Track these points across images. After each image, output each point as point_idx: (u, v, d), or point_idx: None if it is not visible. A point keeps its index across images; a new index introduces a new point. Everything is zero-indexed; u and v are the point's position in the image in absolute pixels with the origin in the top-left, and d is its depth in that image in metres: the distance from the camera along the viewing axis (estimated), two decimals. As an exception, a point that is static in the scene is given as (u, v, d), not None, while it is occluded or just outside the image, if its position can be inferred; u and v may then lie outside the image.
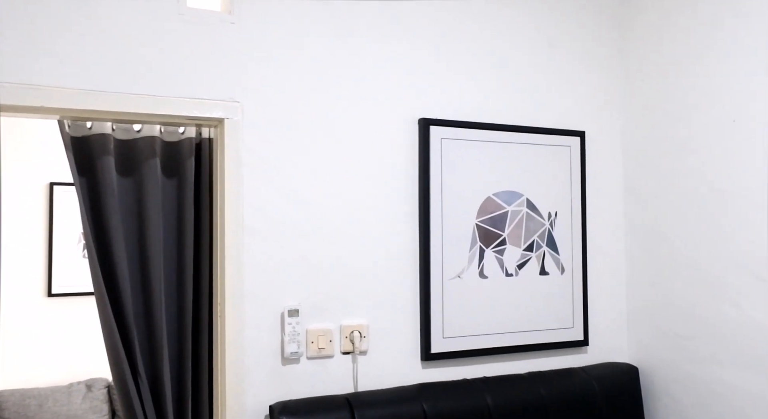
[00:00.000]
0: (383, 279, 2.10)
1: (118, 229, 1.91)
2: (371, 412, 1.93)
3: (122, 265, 1.91)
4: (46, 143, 3.68)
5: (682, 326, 2.26)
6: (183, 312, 1.98)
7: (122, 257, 1.91)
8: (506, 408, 2.11)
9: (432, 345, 2.14)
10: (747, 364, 2.04)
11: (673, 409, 2.31)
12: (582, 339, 2.40)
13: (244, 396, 1.90)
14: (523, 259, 2.30)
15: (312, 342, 1.99)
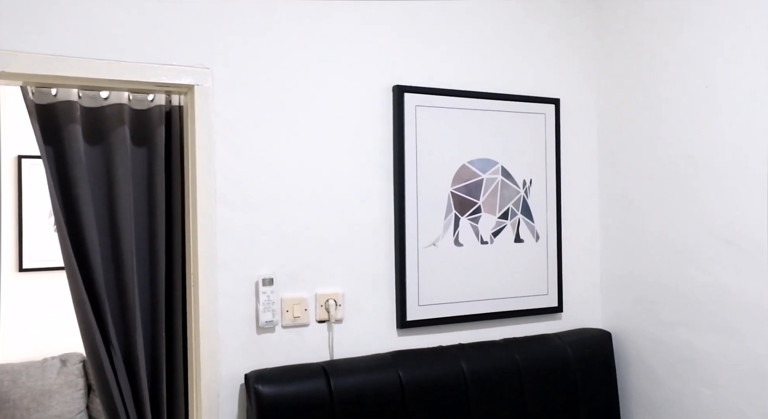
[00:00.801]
0: (358, 248, 2.09)
1: (87, 199, 1.87)
2: (347, 379, 1.93)
3: (92, 235, 1.87)
4: (12, 115, 3.59)
5: (654, 292, 2.29)
6: (155, 283, 1.96)
7: (92, 227, 1.88)
8: (481, 374, 2.13)
9: (407, 313, 2.14)
10: (714, 327, 2.08)
11: (644, 372, 2.35)
12: (556, 305, 2.43)
13: (219, 366, 1.89)
14: (498, 227, 2.31)
15: (287, 311, 1.98)
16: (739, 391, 2.02)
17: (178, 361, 1.97)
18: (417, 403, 2.01)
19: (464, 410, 2.09)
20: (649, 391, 2.33)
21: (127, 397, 1.88)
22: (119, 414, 1.87)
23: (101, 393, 1.89)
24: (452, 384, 2.09)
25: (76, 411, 3.95)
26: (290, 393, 1.85)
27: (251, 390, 1.83)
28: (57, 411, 3.83)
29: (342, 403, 1.90)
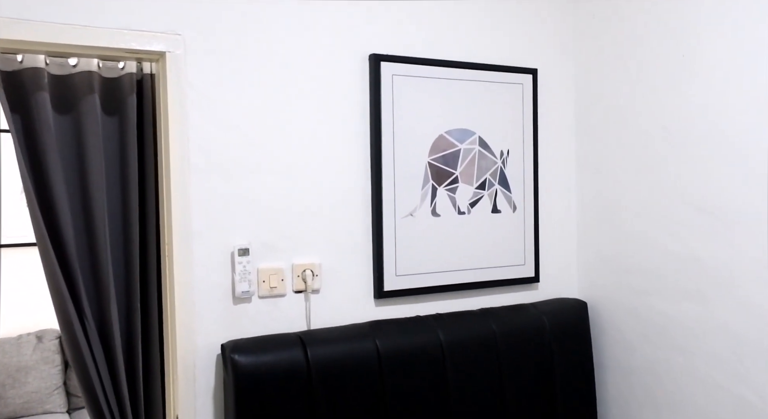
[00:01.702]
0: (335, 218, 2.08)
1: (57, 169, 1.83)
2: (324, 349, 1.93)
3: (63, 206, 1.84)
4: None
5: (629, 261, 2.32)
6: (129, 254, 1.93)
7: (63, 198, 1.84)
8: (458, 343, 2.15)
9: (385, 283, 2.14)
10: (686, 295, 2.11)
11: (618, 340, 2.38)
12: (533, 275, 2.44)
13: (195, 336, 1.88)
14: (475, 197, 2.31)
15: (263, 281, 1.97)
16: (709, 356, 2.05)
17: (154, 332, 1.96)
18: (394, 372, 2.02)
19: (441, 379, 2.10)
20: (622, 358, 2.37)
21: (102, 369, 1.86)
22: (94, 386, 1.85)
23: (76, 365, 1.87)
24: (429, 354, 2.10)
25: (53, 387, 3.92)
26: (267, 362, 1.85)
27: (228, 359, 1.82)
28: (34, 387, 3.81)
29: (319, 372, 1.90)
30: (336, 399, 1.92)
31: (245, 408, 1.81)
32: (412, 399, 2.05)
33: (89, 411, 1.88)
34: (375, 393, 1.99)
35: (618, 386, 2.39)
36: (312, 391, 1.89)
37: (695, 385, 2.10)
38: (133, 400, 1.91)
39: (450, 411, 2.11)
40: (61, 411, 3.94)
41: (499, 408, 2.21)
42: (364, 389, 1.97)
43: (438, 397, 2.09)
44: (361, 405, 1.97)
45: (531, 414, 2.27)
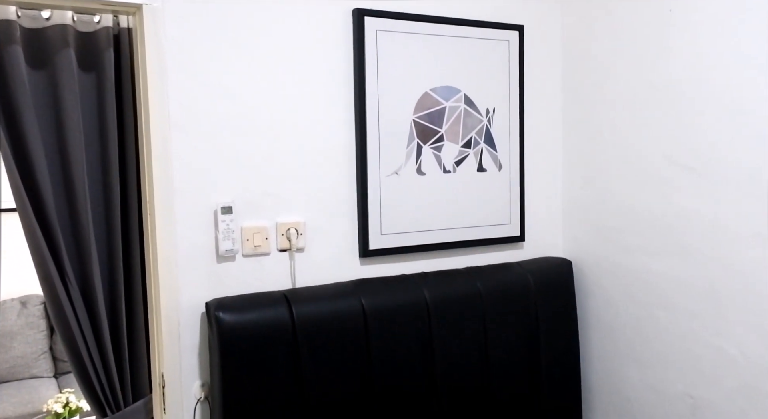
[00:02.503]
0: (319, 176, 2.06)
1: (33, 126, 1.79)
2: (309, 307, 1.93)
3: (41, 166, 1.81)
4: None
5: (614, 219, 2.32)
6: (111, 213, 1.91)
7: (40, 156, 1.81)
8: (443, 301, 2.15)
9: (370, 242, 2.14)
10: (671, 251, 2.12)
11: (602, 298, 2.40)
12: (518, 234, 2.44)
13: (178, 295, 1.87)
14: (460, 156, 2.29)
15: (247, 240, 1.95)
16: (692, 312, 2.07)
17: (137, 292, 1.95)
18: (379, 330, 2.02)
19: (426, 336, 2.11)
20: (606, 316, 2.39)
21: (86, 329, 1.85)
22: (78, 346, 1.84)
23: (59, 325, 1.85)
24: (414, 312, 2.10)
25: (39, 352, 3.92)
26: (252, 320, 1.84)
27: (212, 317, 1.81)
28: (19, 352, 3.80)
29: (304, 330, 1.90)
30: (321, 356, 1.93)
31: (230, 365, 1.81)
32: (397, 357, 2.05)
33: (74, 370, 1.88)
34: (360, 351, 2.00)
35: (601, 343, 2.42)
36: (297, 349, 1.89)
37: (677, 340, 2.13)
38: (118, 360, 1.91)
39: (435, 369, 2.12)
40: (48, 376, 3.95)
41: (483, 365, 2.23)
42: (350, 346, 1.98)
43: (423, 354, 2.10)
44: (347, 363, 1.97)
45: (515, 371, 2.29)
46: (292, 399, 1.89)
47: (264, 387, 1.85)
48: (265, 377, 1.85)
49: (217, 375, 1.82)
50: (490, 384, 2.24)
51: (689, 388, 2.10)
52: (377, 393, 2.02)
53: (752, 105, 1.85)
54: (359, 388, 1.99)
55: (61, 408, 3.21)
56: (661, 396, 2.20)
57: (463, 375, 2.19)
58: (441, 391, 2.13)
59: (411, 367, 2.08)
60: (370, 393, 2.01)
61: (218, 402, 1.83)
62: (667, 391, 2.18)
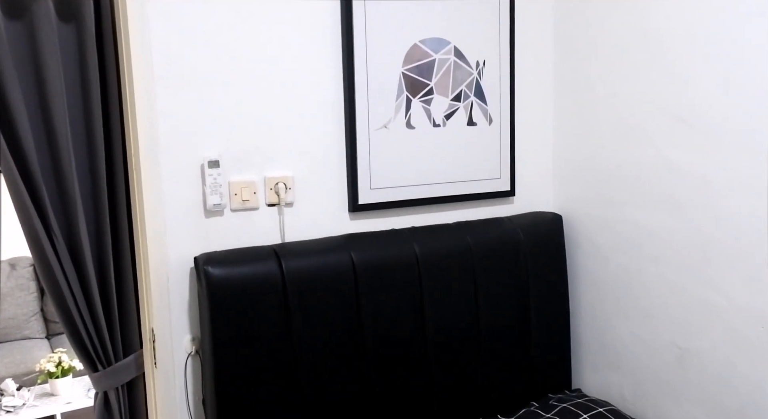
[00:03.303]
0: (307, 130, 2.03)
1: (12, 78, 1.74)
2: (299, 261, 1.92)
3: (22, 120, 1.76)
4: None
5: (605, 173, 2.31)
6: (95, 168, 1.87)
7: (21, 111, 1.76)
8: (433, 256, 2.15)
9: (359, 196, 2.12)
10: (661, 205, 2.12)
11: (592, 253, 2.40)
12: (509, 189, 2.43)
13: (167, 250, 1.86)
14: (450, 109, 2.26)
15: (235, 194, 1.93)
16: (681, 264, 2.08)
17: (125, 247, 1.92)
18: (369, 284, 2.02)
19: (416, 291, 2.11)
20: (596, 270, 2.40)
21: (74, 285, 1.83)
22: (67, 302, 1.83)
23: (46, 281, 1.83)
24: (405, 266, 2.10)
25: (30, 314, 3.92)
26: (241, 274, 1.83)
27: (201, 272, 1.80)
28: (10, 314, 3.80)
29: (294, 284, 1.89)
30: (311, 310, 1.93)
31: (220, 319, 1.81)
32: (387, 311, 2.06)
33: (64, 326, 1.87)
34: (350, 305, 2.00)
35: (590, 296, 2.44)
36: (287, 303, 1.89)
37: (665, 293, 2.14)
38: (107, 315, 1.90)
39: (425, 323, 2.13)
40: (40, 337, 3.96)
41: (473, 320, 2.24)
42: (340, 301, 1.98)
43: (413, 309, 2.11)
44: (337, 317, 1.98)
45: (505, 325, 2.31)
46: (283, 353, 1.89)
47: (254, 341, 1.85)
48: (256, 331, 1.86)
49: (207, 330, 1.82)
50: (479, 338, 2.26)
51: (677, 338, 2.12)
52: (367, 347, 2.03)
53: (744, 56, 1.83)
54: (349, 342, 2.00)
55: (54, 367, 3.22)
56: (648, 347, 2.22)
57: (453, 329, 2.20)
58: (431, 345, 2.15)
59: (401, 321, 2.09)
60: (360, 347, 2.02)
61: (209, 356, 1.83)
62: (654, 342, 2.20)
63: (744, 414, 1.95)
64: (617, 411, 2.20)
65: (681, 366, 2.12)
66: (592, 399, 2.29)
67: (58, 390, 3.30)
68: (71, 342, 1.88)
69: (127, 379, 1.93)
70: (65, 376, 3.31)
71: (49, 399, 3.27)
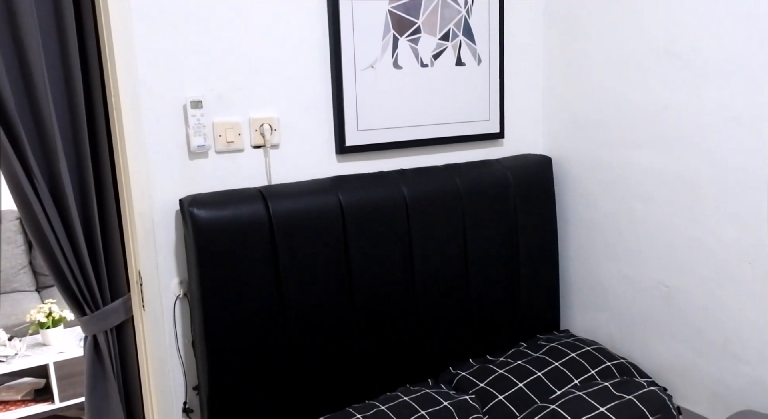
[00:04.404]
0: (292, 70, 1.98)
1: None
2: (286, 203, 1.90)
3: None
4: None
5: (595, 112, 2.28)
6: (74, 109, 1.82)
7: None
8: (422, 198, 2.13)
9: (346, 138, 2.09)
10: (651, 144, 2.10)
11: (581, 194, 2.40)
12: (498, 131, 2.41)
13: (151, 192, 1.83)
14: (438, 49, 2.21)
15: (220, 136, 1.90)
16: (670, 203, 2.08)
17: (109, 191, 1.89)
18: (357, 227, 2.01)
19: (405, 233, 2.10)
20: (585, 211, 2.39)
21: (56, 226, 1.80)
22: (51, 246, 1.81)
23: (29, 224, 1.81)
24: (393, 209, 2.08)
25: (19, 267, 3.91)
26: (227, 216, 1.81)
27: (186, 214, 1.78)
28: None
29: (281, 227, 1.88)
30: (299, 253, 1.92)
31: (207, 262, 1.79)
32: (375, 254, 2.05)
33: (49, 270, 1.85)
34: (338, 248, 1.99)
35: (579, 238, 2.44)
36: (274, 245, 1.87)
37: (654, 232, 2.14)
38: (93, 259, 1.88)
39: (413, 265, 2.13)
40: (29, 290, 3.96)
41: (462, 262, 2.24)
42: (328, 243, 1.97)
43: (401, 252, 2.10)
44: (325, 260, 1.97)
45: (494, 268, 2.31)
46: (271, 296, 1.89)
47: (242, 283, 1.85)
48: (243, 274, 1.85)
49: (194, 272, 1.81)
50: (468, 281, 2.26)
51: (664, 278, 2.14)
52: (355, 290, 2.03)
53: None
54: (337, 285, 2.00)
55: (44, 317, 3.22)
56: (636, 286, 2.24)
57: (442, 272, 2.20)
58: (420, 288, 2.15)
59: (389, 264, 2.08)
60: (348, 290, 2.02)
61: (197, 299, 1.82)
62: (642, 282, 2.22)
63: (728, 348, 1.98)
64: (605, 350, 2.23)
65: (667, 305, 2.14)
66: (580, 339, 2.32)
67: (50, 340, 3.31)
68: (58, 286, 1.87)
69: (116, 323, 1.93)
70: (56, 326, 3.32)
71: (41, 349, 3.28)
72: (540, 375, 2.09)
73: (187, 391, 1.97)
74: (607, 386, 1.95)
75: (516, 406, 2.00)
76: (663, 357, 2.18)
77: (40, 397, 3.30)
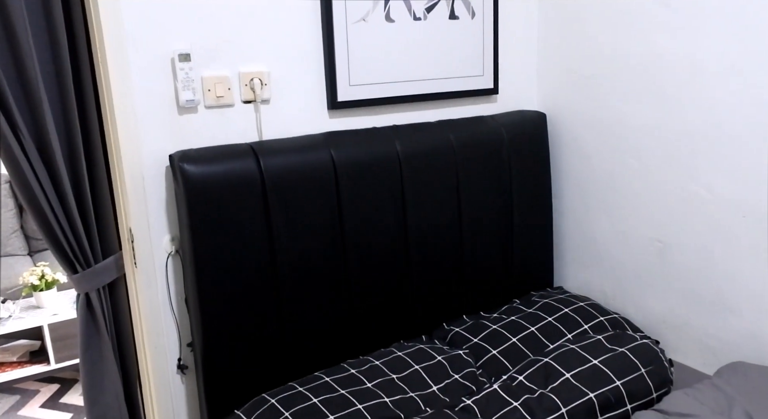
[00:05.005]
0: (282, 23, 1.94)
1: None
2: (277, 159, 1.88)
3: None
4: None
5: (590, 67, 2.25)
6: (59, 63, 1.78)
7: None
8: (415, 155, 2.11)
9: (338, 93, 2.05)
10: (647, 97, 2.08)
11: (576, 150, 2.38)
12: (492, 87, 2.37)
13: (140, 148, 1.80)
14: (431, 2, 2.16)
15: (209, 90, 1.86)
16: (664, 158, 2.06)
17: (97, 147, 1.86)
18: (350, 183, 1.99)
19: (398, 189, 2.09)
20: (579, 168, 2.38)
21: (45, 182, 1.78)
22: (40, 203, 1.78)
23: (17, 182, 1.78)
24: (386, 165, 2.06)
25: (11, 231, 3.88)
26: (218, 172, 1.79)
27: (177, 169, 1.76)
28: (-11, 230, 3.75)
29: (273, 183, 1.86)
30: (291, 209, 1.90)
31: (198, 219, 1.77)
32: (368, 210, 2.04)
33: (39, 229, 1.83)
34: (331, 204, 1.97)
35: (573, 196, 2.43)
36: (266, 201, 1.86)
37: (649, 187, 2.13)
38: (83, 216, 1.86)
39: (407, 222, 2.12)
40: (22, 254, 3.93)
41: (456, 219, 2.23)
42: (320, 199, 1.95)
43: (394, 209, 2.09)
44: (318, 216, 1.95)
45: (488, 225, 2.31)
46: (263, 252, 1.88)
47: (234, 240, 1.83)
48: (235, 230, 1.83)
49: (186, 229, 1.80)
50: (462, 238, 2.26)
51: (658, 233, 2.13)
52: (348, 246, 2.02)
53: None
54: (330, 241, 1.99)
55: (37, 279, 3.21)
56: (630, 243, 2.24)
57: (436, 228, 2.19)
58: (413, 245, 2.14)
59: (382, 221, 2.07)
60: (341, 246, 2.01)
61: (189, 256, 1.81)
62: (636, 238, 2.21)
63: (721, 302, 1.99)
64: (598, 305, 2.24)
65: (661, 260, 2.14)
66: (573, 295, 2.32)
67: (44, 303, 3.30)
68: (48, 243, 1.85)
69: (108, 280, 1.92)
70: (49, 289, 3.31)
71: (35, 311, 3.28)
72: (533, 330, 2.10)
73: (182, 348, 1.97)
74: (600, 339, 1.96)
75: (509, 360, 2.01)
76: (656, 311, 2.20)
77: (36, 359, 3.31)
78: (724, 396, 1.71)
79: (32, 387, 3.37)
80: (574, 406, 1.72)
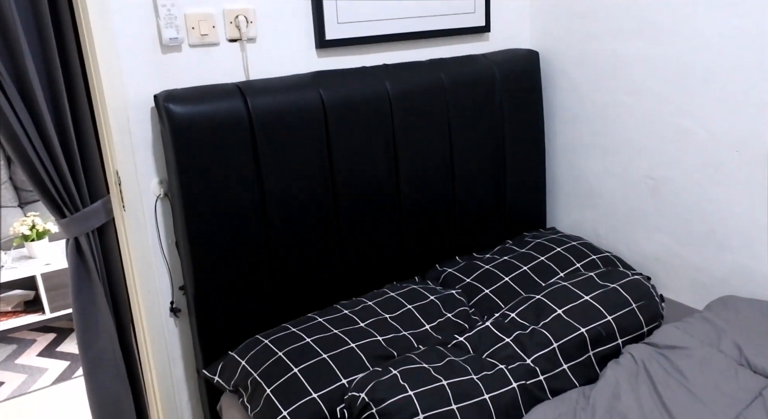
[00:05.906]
0: (266, -44, 1.87)
1: None
2: (265, 99, 1.84)
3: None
4: None
5: (583, 2, 2.20)
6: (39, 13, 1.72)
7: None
8: (405, 93, 2.07)
9: (326, 31, 2.00)
10: (640, 34, 2.03)
11: (568, 89, 2.34)
12: (483, 24, 2.32)
13: (124, 89, 1.75)
14: (421, -66, 2.09)
15: (193, 28, 1.81)
16: (657, 94, 2.04)
17: (80, 89, 1.82)
18: (340, 124, 1.96)
19: (388, 130, 2.06)
20: (572, 106, 2.35)
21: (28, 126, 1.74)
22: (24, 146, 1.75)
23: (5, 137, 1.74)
24: (376, 104, 2.03)
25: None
26: (205, 112, 1.75)
27: (162, 109, 1.72)
28: (-23, 182, 3.71)
29: (261, 123, 1.82)
30: (280, 150, 1.87)
31: (185, 160, 1.75)
32: (358, 151, 2.01)
33: (25, 174, 1.80)
34: (320, 145, 1.94)
35: (566, 134, 2.40)
36: (254, 142, 1.83)
37: (642, 124, 2.11)
38: (69, 159, 1.83)
39: (398, 163, 2.10)
40: (12, 205, 3.90)
41: (447, 159, 2.21)
42: (310, 140, 1.92)
43: (385, 148, 2.06)
44: (307, 157, 1.93)
45: (480, 165, 2.29)
46: (252, 194, 1.86)
47: (223, 181, 1.81)
48: (223, 172, 1.81)
49: (173, 171, 1.77)
50: (454, 178, 2.24)
51: (650, 171, 2.12)
52: (339, 188, 2.00)
53: None
54: (320, 183, 1.97)
55: (28, 229, 3.19)
56: (623, 181, 2.23)
57: (427, 169, 2.17)
58: (404, 186, 2.13)
59: (373, 162, 2.05)
60: (331, 188, 1.99)
61: (177, 198, 1.79)
62: (629, 176, 2.20)
63: (712, 238, 2.00)
64: (590, 244, 2.24)
65: (654, 198, 2.14)
66: (566, 235, 2.33)
67: (35, 253, 3.29)
68: (34, 188, 1.83)
69: (97, 224, 1.90)
70: (41, 239, 3.30)
71: (28, 261, 3.27)
72: (526, 270, 2.10)
73: (174, 291, 1.97)
74: (591, 276, 1.97)
75: (502, 299, 2.02)
76: (647, 249, 2.20)
77: (31, 308, 3.32)
78: (714, 329, 1.73)
79: (29, 337, 3.39)
80: (565, 341, 1.73)
